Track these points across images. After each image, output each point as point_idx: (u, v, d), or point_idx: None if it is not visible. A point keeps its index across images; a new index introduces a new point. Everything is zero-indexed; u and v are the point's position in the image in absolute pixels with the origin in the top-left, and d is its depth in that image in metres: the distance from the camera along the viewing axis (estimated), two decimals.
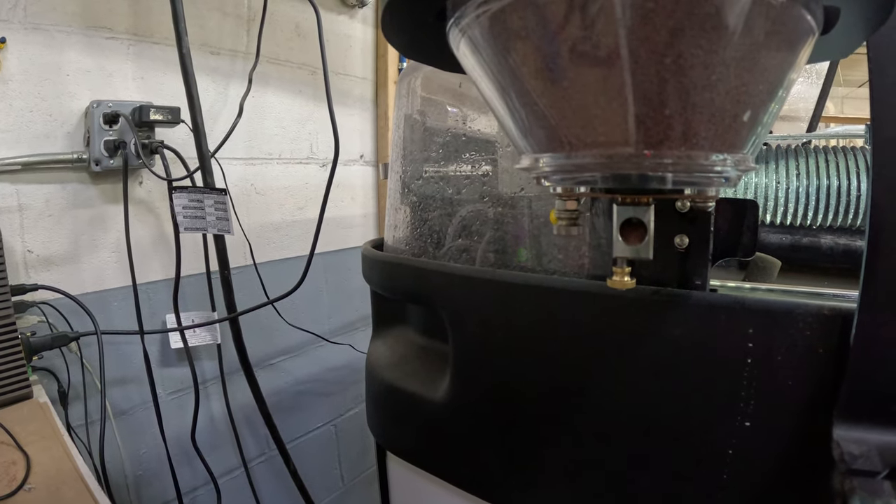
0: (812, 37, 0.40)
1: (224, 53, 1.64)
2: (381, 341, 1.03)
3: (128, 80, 1.40)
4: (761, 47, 0.37)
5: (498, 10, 0.37)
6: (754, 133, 0.40)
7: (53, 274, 1.30)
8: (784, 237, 1.05)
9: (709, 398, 0.57)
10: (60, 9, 1.26)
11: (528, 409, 0.71)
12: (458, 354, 0.77)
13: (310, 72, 1.89)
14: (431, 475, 0.86)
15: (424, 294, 0.83)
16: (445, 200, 0.92)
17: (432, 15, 0.44)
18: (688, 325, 0.57)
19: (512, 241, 0.81)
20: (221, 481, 1.73)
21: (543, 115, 0.39)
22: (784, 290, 0.74)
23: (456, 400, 0.78)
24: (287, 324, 1.84)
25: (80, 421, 1.36)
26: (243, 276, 1.71)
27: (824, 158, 0.88)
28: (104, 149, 1.31)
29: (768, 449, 0.55)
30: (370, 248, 0.99)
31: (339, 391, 2.17)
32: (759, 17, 0.35)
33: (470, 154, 0.92)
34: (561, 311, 0.65)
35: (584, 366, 0.64)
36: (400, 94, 1.07)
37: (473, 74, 0.44)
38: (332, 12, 2.00)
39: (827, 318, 0.51)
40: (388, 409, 0.94)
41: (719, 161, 0.38)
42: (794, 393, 0.53)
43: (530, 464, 0.72)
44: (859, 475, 0.46)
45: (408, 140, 1.02)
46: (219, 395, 1.72)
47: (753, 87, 0.38)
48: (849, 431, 0.50)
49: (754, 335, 0.54)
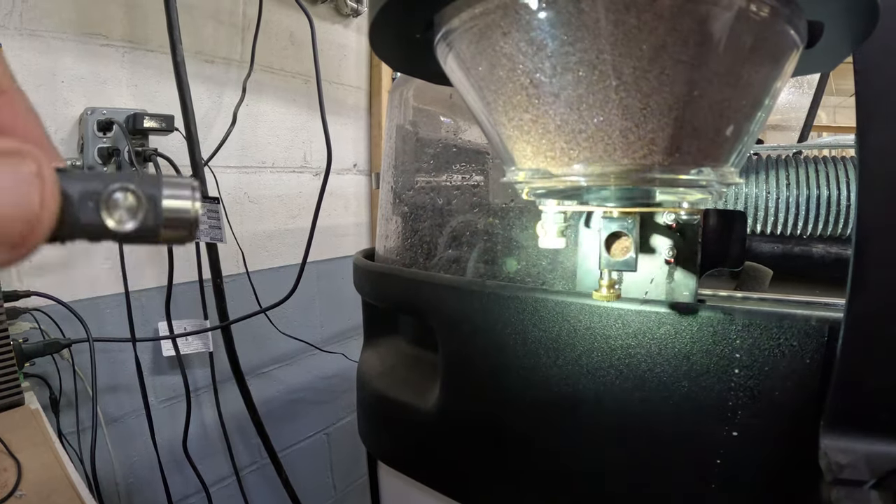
0: (796, 51, 0.40)
1: (218, 62, 1.64)
2: (373, 351, 1.03)
3: (122, 88, 1.40)
4: (745, 62, 0.37)
5: (484, 26, 0.38)
6: (739, 146, 0.41)
7: (46, 280, 1.30)
8: (776, 246, 1.06)
9: (696, 408, 0.57)
10: (56, 15, 1.26)
11: (517, 419, 0.71)
12: (448, 364, 0.77)
13: (304, 80, 1.89)
14: (422, 484, 0.86)
15: (415, 304, 0.83)
16: (436, 211, 0.92)
17: (420, 29, 0.44)
18: (675, 337, 0.57)
19: (502, 251, 0.81)
20: (213, 489, 1.72)
21: (528, 130, 0.39)
22: (775, 298, 0.74)
23: (446, 409, 0.78)
24: (279, 332, 1.84)
25: (71, 428, 1.36)
26: (236, 285, 1.71)
27: (814, 168, 0.88)
28: (98, 156, 1.31)
29: (756, 459, 0.56)
30: (361, 259, 0.99)
31: (332, 400, 2.17)
32: (743, 32, 0.36)
33: (461, 165, 0.92)
34: (549, 323, 0.65)
35: (572, 376, 0.64)
36: (392, 105, 1.07)
37: (461, 88, 0.45)
38: (327, 21, 2.01)
39: (814, 327, 0.52)
40: (378, 419, 0.94)
41: (704, 175, 0.38)
42: (782, 402, 0.53)
43: (519, 473, 0.72)
44: (846, 484, 0.47)
45: (399, 150, 1.02)
46: (211, 403, 1.72)
47: (737, 101, 0.38)
48: (836, 441, 0.50)
49: (741, 345, 0.55)
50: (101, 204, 0.25)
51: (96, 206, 0.25)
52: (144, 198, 0.25)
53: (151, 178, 0.26)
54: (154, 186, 0.26)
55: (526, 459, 0.71)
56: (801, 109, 1.87)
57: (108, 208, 0.25)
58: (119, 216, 0.25)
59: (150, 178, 0.26)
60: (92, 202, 0.25)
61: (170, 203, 0.26)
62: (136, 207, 0.25)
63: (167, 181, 0.26)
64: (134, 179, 0.25)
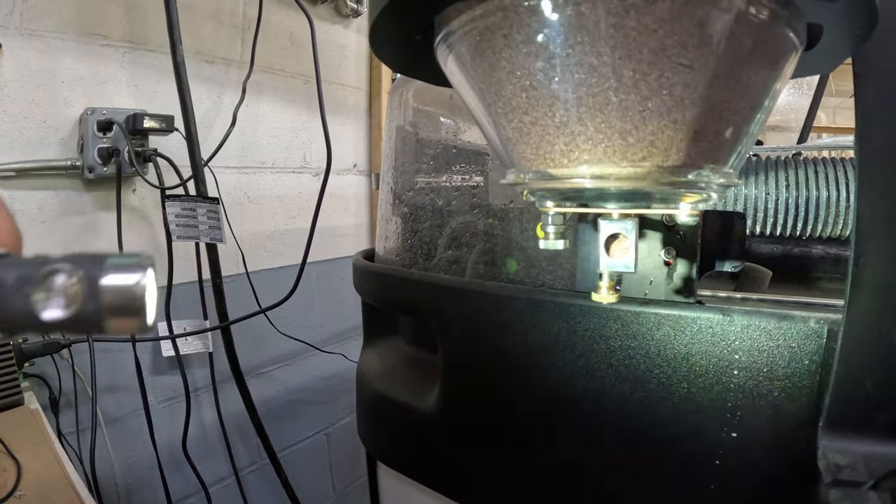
0: (795, 53, 0.41)
1: (218, 62, 1.64)
2: (372, 351, 1.03)
3: (122, 88, 1.41)
4: (744, 64, 0.37)
5: (484, 28, 0.38)
6: (738, 147, 0.41)
7: None
8: (776, 247, 1.06)
9: (695, 410, 0.57)
10: (56, 15, 1.26)
11: (517, 419, 0.71)
12: (448, 365, 0.77)
13: (304, 81, 1.89)
14: (421, 485, 0.86)
15: (414, 305, 0.83)
16: (436, 212, 0.92)
17: (420, 31, 0.45)
18: (674, 338, 0.57)
19: (502, 252, 0.81)
20: (212, 490, 1.72)
21: (528, 132, 0.39)
22: (774, 299, 0.74)
23: (445, 410, 0.78)
24: (279, 332, 1.84)
25: (70, 428, 1.36)
26: (235, 285, 1.71)
27: (814, 170, 0.89)
28: (98, 156, 1.31)
29: (755, 460, 0.56)
30: (361, 259, 0.99)
31: (331, 400, 2.17)
32: (742, 34, 0.36)
33: (461, 166, 0.93)
34: (548, 324, 0.65)
35: (572, 377, 0.64)
36: (392, 106, 1.07)
37: (461, 89, 0.45)
38: (327, 22, 2.01)
39: (813, 328, 0.52)
40: (378, 419, 0.94)
41: (703, 177, 0.39)
42: (780, 404, 0.54)
43: (518, 473, 0.72)
44: (845, 486, 0.47)
45: (399, 151, 1.02)
46: (210, 404, 1.72)
47: (736, 103, 0.38)
48: (834, 442, 0.50)
49: (740, 346, 0.55)
50: (33, 290, 0.22)
51: (28, 294, 0.22)
52: (82, 280, 0.22)
53: (94, 257, 0.23)
54: (95, 266, 0.22)
55: (525, 460, 0.71)
56: (800, 111, 1.87)
57: (40, 295, 0.22)
58: (53, 303, 0.22)
59: (91, 258, 0.22)
60: (28, 288, 0.22)
61: (113, 284, 0.22)
62: (73, 292, 0.22)
63: (111, 260, 0.23)
64: (73, 259, 0.22)
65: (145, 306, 0.23)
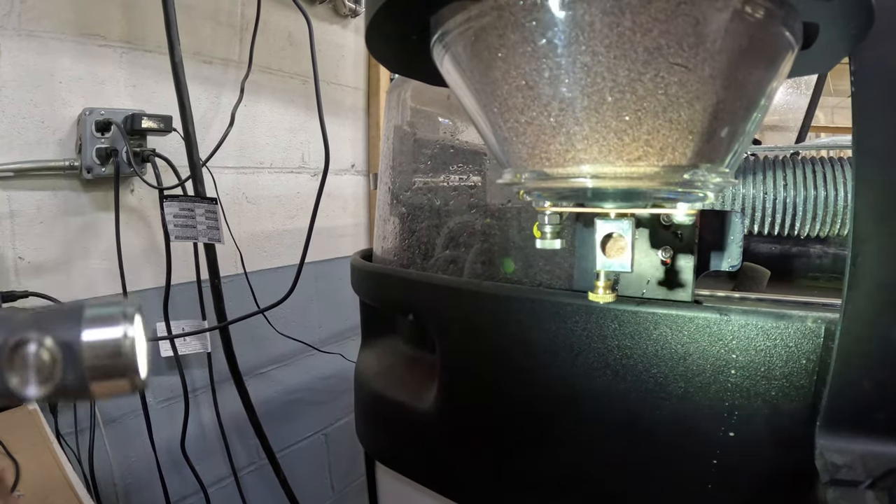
0: (791, 52, 0.41)
1: (216, 62, 1.64)
2: (370, 351, 1.03)
3: (120, 88, 1.40)
4: (740, 64, 0.37)
5: (480, 28, 0.38)
6: (734, 146, 0.41)
7: (44, 281, 1.29)
8: (774, 247, 1.06)
9: (693, 409, 0.57)
10: (54, 16, 1.26)
11: (514, 419, 0.71)
12: (446, 365, 0.77)
13: (302, 81, 1.89)
14: (420, 484, 0.86)
15: (412, 305, 0.83)
16: (434, 212, 0.92)
17: (416, 31, 0.45)
18: (671, 337, 0.57)
19: (499, 252, 0.81)
20: (211, 490, 1.72)
21: (524, 131, 0.39)
22: (772, 299, 0.74)
23: (443, 410, 0.78)
24: (277, 333, 1.84)
25: (69, 428, 1.35)
26: (234, 285, 1.71)
27: (811, 169, 0.88)
28: (96, 156, 1.31)
29: (752, 459, 0.56)
30: (359, 259, 0.99)
31: (330, 400, 2.16)
32: (737, 34, 0.36)
33: (458, 165, 0.93)
34: (546, 323, 0.65)
35: (569, 377, 0.64)
36: (390, 106, 1.07)
37: (457, 89, 0.45)
38: (325, 22, 2.01)
39: (811, 328, 0.52)
40: (376, 419, 0.94)
41: (699, 176, 0.39)
42: (778, 403, 0.54)
43: (516, 473, 0.72)
44: (842, 485, 0.47)
45: (397, 151, 1.02)
46: (209, 404, 1.71)
47: (732, 102, 0.38)
48: (832, 441, 0.50)
49: (738, 346, 0.55)
50: (5, 371, 0.19)
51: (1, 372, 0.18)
52: (54, 346, 0.19)
53: (69, 311, 0.19)
54: (70, 323, 0.19)
55: (522, 459, 0.71)
56: (798, 110, 1.86)
57: (14, 377, 0.18)
58: (29, 380, 0.18)
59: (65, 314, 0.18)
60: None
61: (93, 341, 0.19)
62: (47, 364, 0.19)
63: (90, 312, 0.19)
64: (44, 317, 0.19)
65: (134, 363, 0.20)
